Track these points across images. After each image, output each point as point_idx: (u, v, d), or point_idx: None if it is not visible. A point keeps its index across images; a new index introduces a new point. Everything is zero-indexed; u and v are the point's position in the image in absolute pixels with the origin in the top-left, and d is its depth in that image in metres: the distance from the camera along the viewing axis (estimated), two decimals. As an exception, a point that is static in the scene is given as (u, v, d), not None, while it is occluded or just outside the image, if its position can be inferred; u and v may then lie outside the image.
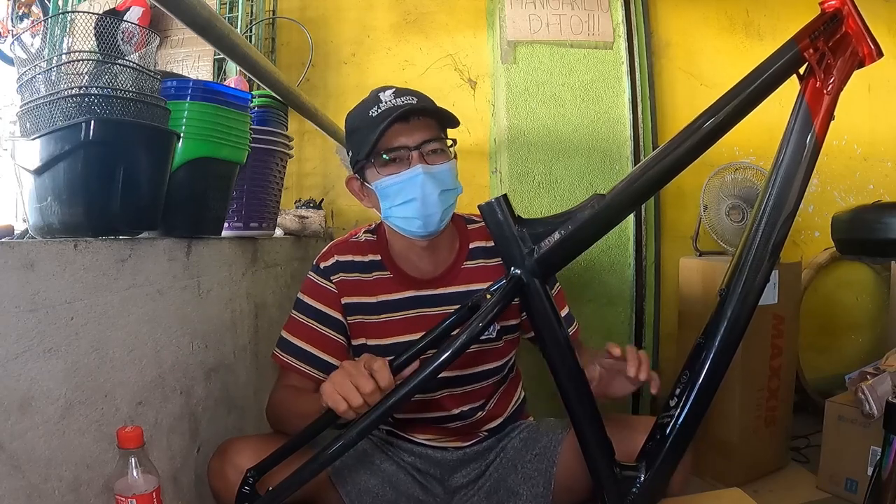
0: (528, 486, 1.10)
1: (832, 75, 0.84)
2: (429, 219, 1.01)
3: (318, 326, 1.09)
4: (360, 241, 1.14)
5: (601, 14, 2.12)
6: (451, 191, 1.03)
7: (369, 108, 1.01)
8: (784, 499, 1.69)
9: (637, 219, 2.11)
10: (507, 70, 2.08)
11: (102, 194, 0.82)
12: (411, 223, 1.02)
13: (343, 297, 1.10)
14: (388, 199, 1.02)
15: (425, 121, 1.01)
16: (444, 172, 1.01)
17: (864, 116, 2.50)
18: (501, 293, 0.83)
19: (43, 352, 0.69)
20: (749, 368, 1.77)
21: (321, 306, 1.10)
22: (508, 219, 0.84)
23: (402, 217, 1.02)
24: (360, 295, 1.10)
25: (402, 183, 1.00)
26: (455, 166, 1.05)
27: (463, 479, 1.15)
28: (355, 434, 0.80)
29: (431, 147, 1.01)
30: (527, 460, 1.12)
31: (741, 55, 2.38)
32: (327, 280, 1.11)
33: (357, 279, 1.11)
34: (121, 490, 0.73)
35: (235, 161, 1.12)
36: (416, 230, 1.03)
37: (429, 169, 0.99)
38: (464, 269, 1.13)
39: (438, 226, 1.03)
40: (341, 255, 1.12)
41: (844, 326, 2.56)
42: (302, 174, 2.20)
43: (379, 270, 1.12)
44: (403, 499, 1.13)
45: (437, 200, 1.00)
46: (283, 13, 2.14)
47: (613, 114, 2.11)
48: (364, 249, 1.13)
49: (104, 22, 0.87)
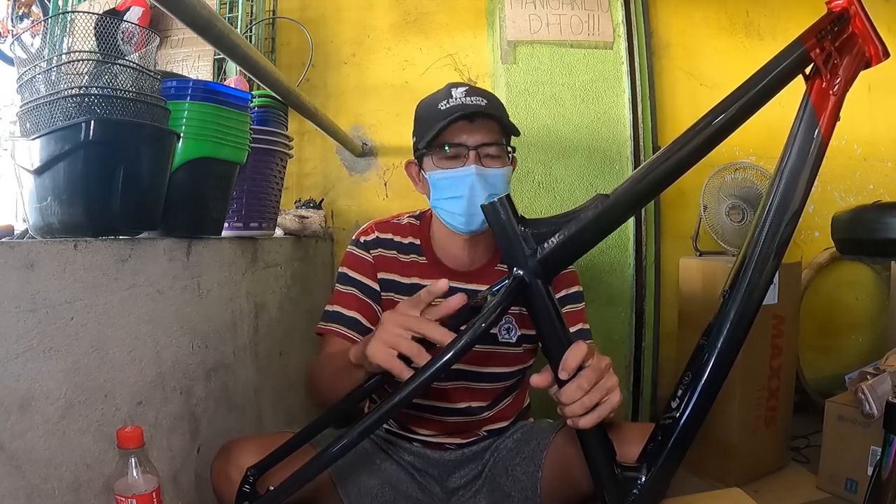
0: (518, 488, 1.10)
1: (838, 76, 0.83)
2: (472, 218, 1.04)
3: (359, 294, 1.12)
4: (402, 224, 1.18)
5: (601, 14, 2.12)
6: (498, 195, 1.03)
7: (440, 100, 1.05)
8: (784, 499, 1.69)
9: (637, 219, 2.10)
10: (507, 70, 2.08)
11: (102, 194, 0.82)
12: (455, 218, 1.06)
13: (379, 272, 1.14)
14: (439, 190, 1.07)
15: (489, 124, 1.04)
16: (496, 176, 1.04)
17: (864, 116, 2.50)
18: (504, 294, 0.83)
19: (43, 352, 0.69)
20: (749, 368, 1.77)
21: (360, 277, 1.13)
22: (511, 219, 0.84)
23: (448, 211, 1.07)
24: (393, 273, 1.14)
25: (453, 179, 1.04)
26: (509, 173, 1.08)
27: (461, 480, 1.15)
28: (357, 434, 0.80)
29: (489, 150, 1.04)
30: (516, 463, 1.12)
31: (741, 55, 2.38)
32: (366, 252, 1.15)
33: (394, 257, 1.14)
34: (121, 490, 0.73)
35: (235, 161, 1.12)
36: (459, 226, 1.07)
37: (482, 170, 1.03)
38: (497, 270, 1.14)
39: (481, 226, 1.05)
40: (382, 232, 1.16)
41: (844, 326, 2.56)
42: (302, 174, 2.20)
43: (416, 254, 1.15)
44: (402, 499, 1.13)
45: (484, 201, 1.00)
46: (283, 13, 2.14)
47: (613, 114, 2.11)
48: (405, 231, 1.17)
49: (104, 22, 0.87)
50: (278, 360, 1.46)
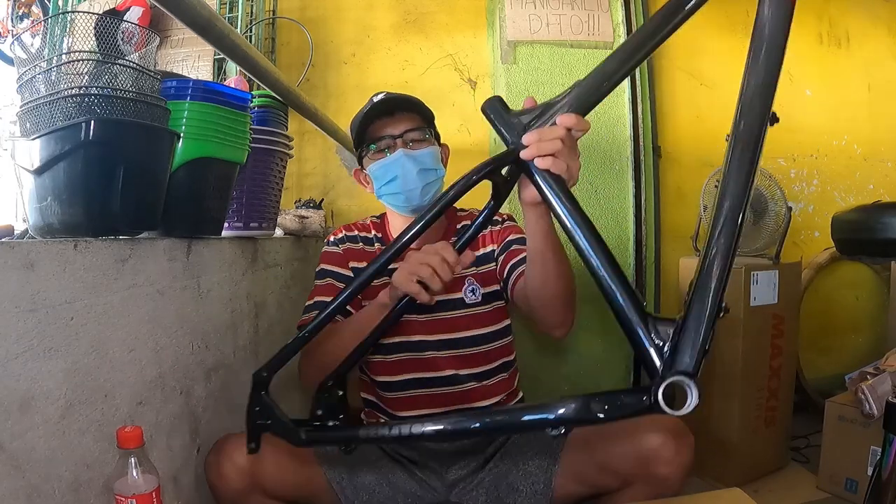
0: (528, 482, 1.10)
1: None
2: (411, 193, 1.17)
3: (334, 282, 1.23)
4: (366, 223, 1.33)
5: (601, 14, 2.12)
6: (430, 170, 1.18)
7: (363, 109, 1.20)
8: (784, 499, 1.70)
9: (637, 219, 2.11)
10: (507, 70, 2.08)
11: (102, 194, 0.82)
12: (396, 198, 1.19)
13: (350, 261, 1.26)
14: (378, 179, 1.20)
15: (409, 115, 1.19)
16: (424, 155, 1.18)
17: (864, 116, 2.50)
18: (499, 156, 0.83)
19: (43, 352, 0.69)
20: (749, 368, 1.77)
21: (334, 267, 1.25)
22: (503, 111, 0.87)
23: (390, 194, 1.20)
24: (363, 261, 1.25)
25: (386, 165, 1.17)
26: (436, 151, 1.20)
27: (460, 472, 1.16)
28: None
29: (413, 136, 1.18)
30: (528, 457, 1.13)
31: (741, 55, 2.35)
32: (336, 247, 1.28)
33: (361, 249, 1.28)
34: (121, 490, 0.73)
35: (235, 161, 1.12)
36: (401, 204, 1.20)
37: (409, 152, 1.16)
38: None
39: (421, 200, 1.18)
40: (349, 231, 1.31)
41: (844, 326, 2.56)
42: (302, 174, 2.20)
43: (380, 244, 1.29)
44: (400, 495, 1.13)
45: (417, 177, 1.16)
46: (283, 13, 2.14)
47: (613, 114, 2.11)
48: (369, 228, 1.31)
49: (104, 22, 0.87)
50: (278, 360, 1.46)
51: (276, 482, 1.06)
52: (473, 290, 1.23)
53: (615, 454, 1.04)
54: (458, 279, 1.18)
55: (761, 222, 1.83)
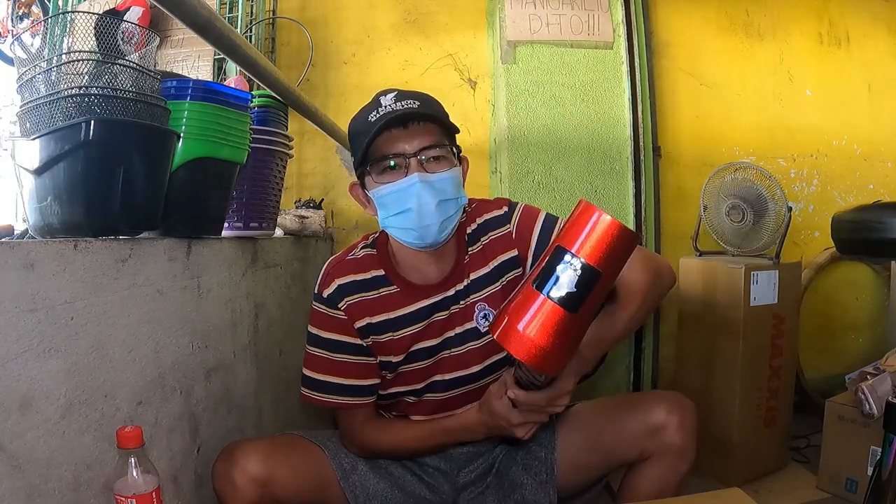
0: (530, 474, 1.10)
1: None
2: (426, 230, 0.97)
3: (343, 357, 1.06)
4: (359, 258, 1.09)
5: (601, 14, 2.12)
6: (451, 200, 0.98)
7: (369, 112, 0.97)
8: (784, 499, 1.69)
9: (637, 219, 2.11)
10: (507, 70, 2.08)
11: (102, 194, 0.82)
12: (408, 234, 0.98)
13: (355, 322, 1.05)
14: (385, 208, 0.98)
15: (427, 126, 0.96)
16: (444, 181, 0.97)
17: (864, 116, 2.50)
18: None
19: (43, 352, 0.69)
20: (749, 368, 1.77)
21: (336, 336, 1.06)
22: None
23: (400, 228, 0.98)
24: (369, 315, 1.06)
25: (397, 192, 0.96)
26: (458, 174, 1.00)
27: (470, 475, 1.15)
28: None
29: (432, 154, 0.96)
30: (526, 450, 1.13)
31: (741, 55, 2.38)
32: (335, 309, 1.06)
33: (362, 299, 1.06)
34: (121, 490, 0.73)
35: (235, 161, 1.12)
36: (413, 241, 0.99)
37: (426, 177, 0.95)
38: (471, 257, 1.09)
39: (437, 237, 0.98)
40: (341, 277, 1.06)
41: (844, 326, 2.56)
42: (302, 174, 2.20)
43: (385, 286, 1.06)
44: (411, 500, 1.13)
45: (435, 211, 0.95)
46: (283, 13, 2.14)
47: (613, 114, 2.11)
48: (365, 266, 1.08)
49: (104, 22, 0.87)
50: (278, 360, 1.46)
51: (290, 491, 1.01)
52: (486, 316, 1.07)
53: (626, 431, 1.05)
54: (469, 306, 1.07)
55: (761, 222, 1.83)
